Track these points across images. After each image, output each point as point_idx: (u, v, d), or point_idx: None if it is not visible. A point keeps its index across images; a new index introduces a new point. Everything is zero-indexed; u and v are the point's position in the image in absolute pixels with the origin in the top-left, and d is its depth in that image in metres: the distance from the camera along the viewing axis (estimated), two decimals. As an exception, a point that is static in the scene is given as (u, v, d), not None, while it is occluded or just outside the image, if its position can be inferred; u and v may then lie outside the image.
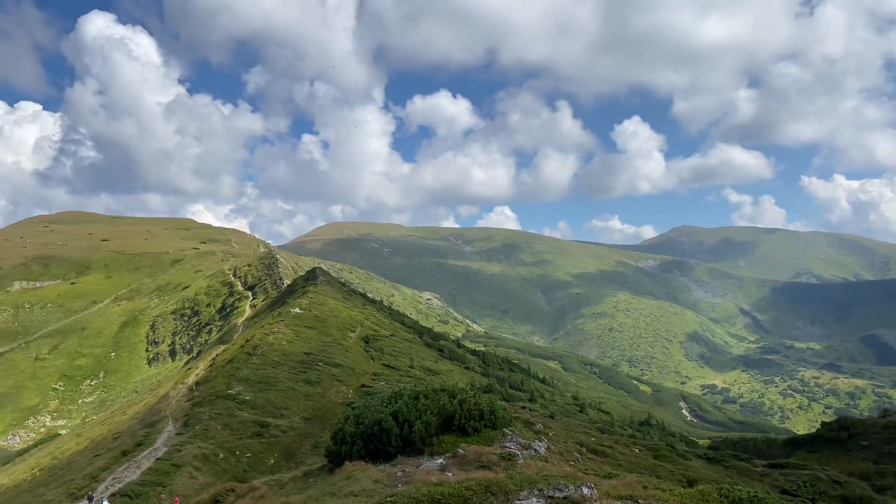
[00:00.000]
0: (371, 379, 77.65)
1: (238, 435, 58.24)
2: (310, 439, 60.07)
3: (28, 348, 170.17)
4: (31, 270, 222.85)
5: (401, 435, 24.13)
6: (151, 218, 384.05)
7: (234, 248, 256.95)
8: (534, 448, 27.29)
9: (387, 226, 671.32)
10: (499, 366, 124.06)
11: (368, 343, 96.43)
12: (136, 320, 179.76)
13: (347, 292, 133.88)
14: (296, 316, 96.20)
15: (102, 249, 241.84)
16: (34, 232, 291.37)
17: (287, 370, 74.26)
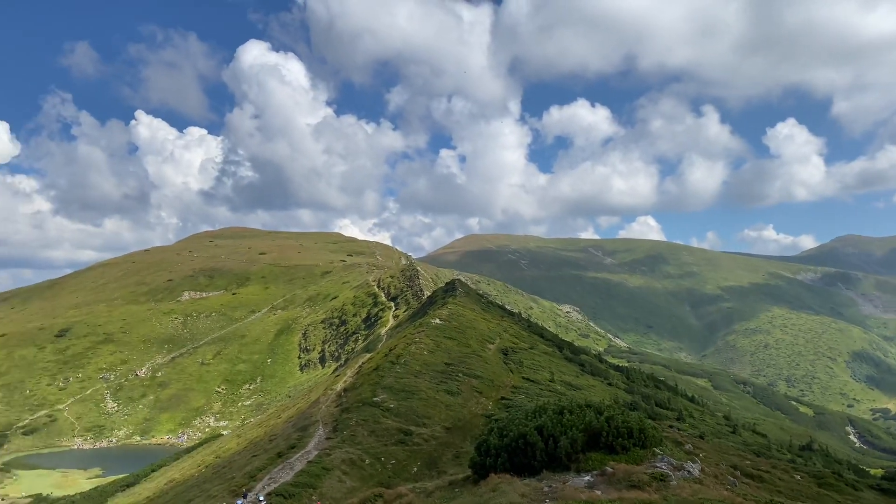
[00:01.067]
0: (511, 392, 77.26)
1: (383, 441, 59.71)
2: (451, 449, 60.54)
3: (195, 353, 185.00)
4: (198, 282, 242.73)
5: (545, 450, 23.65)
6: (303, 232, 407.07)
7: (377, 260, 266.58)
8: (686, 469, 25.85)
9: (524, 237, 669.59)
10: (643, 382, 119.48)
11: (507, 355, 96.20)
12: (290, 329, 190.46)
13: (486, 304, 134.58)
14: (436, 327, 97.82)
15: (260, 262, 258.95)
16: (201, 246, 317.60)
17: (428, 380, 75.51)
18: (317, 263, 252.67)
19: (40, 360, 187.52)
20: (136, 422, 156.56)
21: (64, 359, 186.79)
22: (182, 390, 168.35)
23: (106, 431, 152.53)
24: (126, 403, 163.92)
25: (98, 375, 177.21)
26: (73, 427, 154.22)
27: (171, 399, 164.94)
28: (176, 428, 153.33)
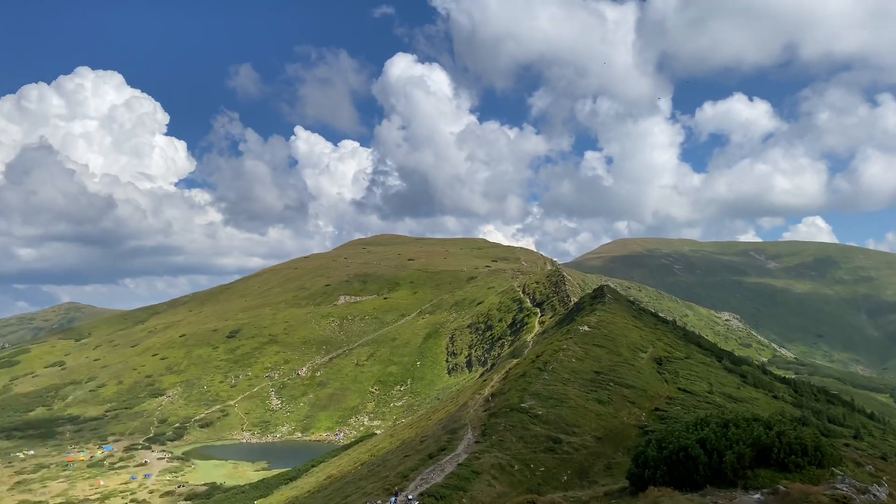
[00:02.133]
0: (665, 403, 73.93)
1: (531, 448, 59.12)
2: (602, 459, 58.85)
3: (350, 355, 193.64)
4: (352, 286, 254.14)
5: (709, 464, 22.23)
6: (448, 238, 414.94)
7: (522, 265, 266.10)
8: (872, 493, 23.33)
9: (677, 241, 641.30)
10: (814, 396, 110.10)
11: (661, 364, 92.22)
12: (438, 333, 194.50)
13: (637, 311, 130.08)
14: (584, 334, 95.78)
15: (409, 268, 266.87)
16: (354, 253, 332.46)
17: (577, 387, 73.98)
18: (462, 269, 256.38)
19: (214, 358, 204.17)
20: (297, 419, 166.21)
21: (234, 358, 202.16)
22: (339, 390, 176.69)
23: (271, 427, 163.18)
24: (288, 401, 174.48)
25: (264, 374, 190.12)
26: (243, 422, 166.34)
27: (328, 398, 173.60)
28: (333, 426, 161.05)
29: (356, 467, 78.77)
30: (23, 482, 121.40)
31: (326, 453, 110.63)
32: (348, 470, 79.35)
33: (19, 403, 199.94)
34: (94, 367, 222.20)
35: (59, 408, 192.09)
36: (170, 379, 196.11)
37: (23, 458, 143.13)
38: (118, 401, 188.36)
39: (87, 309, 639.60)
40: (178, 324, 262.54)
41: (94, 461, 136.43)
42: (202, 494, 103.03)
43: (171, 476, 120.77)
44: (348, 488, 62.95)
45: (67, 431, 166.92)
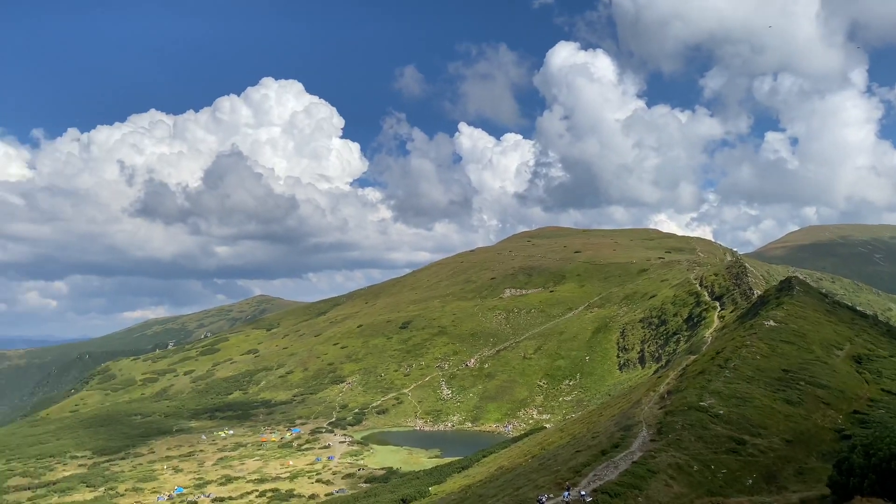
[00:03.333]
0: (867, 405, 66.96)
1: (712, 448, 55.99)
2: (792, 464, 54.43)
3: (517, 348, 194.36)
4: (517, 279, 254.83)
5: (930, 477, 19.64)
6: (617, 230, 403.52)
7: (698, 256, 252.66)
8: None
9: (877, 227, 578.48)
10: None
11: (860, 363, 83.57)
12: (607, 327, 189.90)
13: (831, 304, 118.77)
14: (770, 329, 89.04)
15: (575, 260, 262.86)
16: (519, 246, 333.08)
17: (762, 386, 68.96)
18: (632, 261, 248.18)
19: (388, 348, 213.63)
20: (467, 409, 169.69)
21: (406, 348, 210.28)
22: (507, 382, 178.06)
23: (442, 416, 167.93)
24: (458, 391, 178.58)
25: (434, 364, 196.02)
26: (416, 410, 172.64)
27: (497, 390, 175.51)
28: (502, 418, 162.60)
29: (527, 460, 78.86)
30: (224, 458, 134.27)
31: (497, 444, 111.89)
32: (519, 462, 79.64)
33: (220, 387, 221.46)
34: (282, 355, 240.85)
35: (253, 392, 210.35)
36: (349, 367, 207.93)
37: (224, 436, 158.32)
38: (304, 386, 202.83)
39: (276, 301, 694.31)
40: (356, 315, 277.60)
41: (284, 442, 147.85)
42: (380, 478, 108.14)
43: (351, 459, 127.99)
44: (519, 480, 63.12)
45: (261, 414, 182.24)
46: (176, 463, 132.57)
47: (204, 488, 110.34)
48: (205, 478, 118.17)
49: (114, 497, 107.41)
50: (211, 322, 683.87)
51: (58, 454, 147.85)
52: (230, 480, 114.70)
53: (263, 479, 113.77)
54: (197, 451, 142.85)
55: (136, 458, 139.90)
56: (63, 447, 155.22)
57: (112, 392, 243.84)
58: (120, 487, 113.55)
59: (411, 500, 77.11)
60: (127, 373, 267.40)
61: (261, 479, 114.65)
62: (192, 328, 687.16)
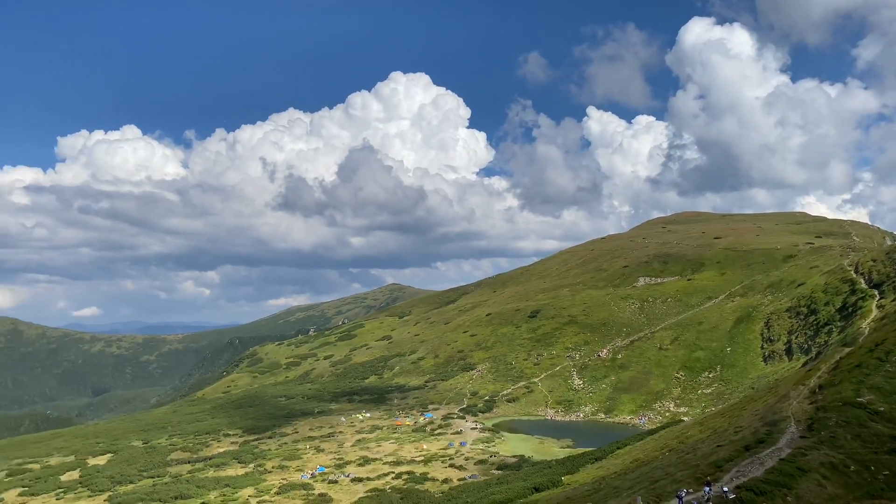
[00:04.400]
0: None
1: (871, 448, 51.58)
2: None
3: (653, 338, 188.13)
4: (652, 267, 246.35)
5: None
6: (760, 213, 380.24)
7: (853, 241, 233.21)
8: None
9: None
10: None
11: None
12: (750, 317, 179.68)
13: None
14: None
15: (714, 247, 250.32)
16: (653, 232, 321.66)
17: (933, 382, 62.53)
18: (777, 246, 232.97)
19: (517, 337, 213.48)
20: (599, 400, 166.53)
21: (536, 337, 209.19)
22: (641, 373, 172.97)
23: (574, 406, 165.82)
24: (590, 382, 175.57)
25: (565, 354, 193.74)
26: (546, 399, 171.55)
27: (630, 381, 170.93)
28: (637, 409, 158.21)
29: (663, 453, 76.22)
30: (362, 440, 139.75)
31: (631, 436, 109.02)
32: (655, 455, 77.13)
33: (357, 371, 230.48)
34: (414, 342, 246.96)
35: (387, 377, 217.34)
36: (479, 354, 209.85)
37: (361, 419, 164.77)
38: (435, 373, 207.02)
39: (407, 290, 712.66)
40: (484, 304, 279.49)
41: (418, 426, 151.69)
42: (512, 465, 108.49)
43: (483, 445, 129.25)
44: (656, 473, 61.11)
45: (395, 398, 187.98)
46: (317, 443, 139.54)
47: (344, 468, 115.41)
48: (344, 458, 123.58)
49: (262, 473, 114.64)
50: (348, 309, 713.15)
51: (213, 432, 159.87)
52: (368, 462, 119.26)
53: (399, 462, 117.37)
54: (336, 433, 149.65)
55: (282, 437, 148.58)
56: (217, 425, 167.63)
57: (259, 375, 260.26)
58: (267, 465, 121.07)
59: (544, 488, 76.71)
60: (272, 357, 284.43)
61: (396, 461, 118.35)
62: (330, 315, 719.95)
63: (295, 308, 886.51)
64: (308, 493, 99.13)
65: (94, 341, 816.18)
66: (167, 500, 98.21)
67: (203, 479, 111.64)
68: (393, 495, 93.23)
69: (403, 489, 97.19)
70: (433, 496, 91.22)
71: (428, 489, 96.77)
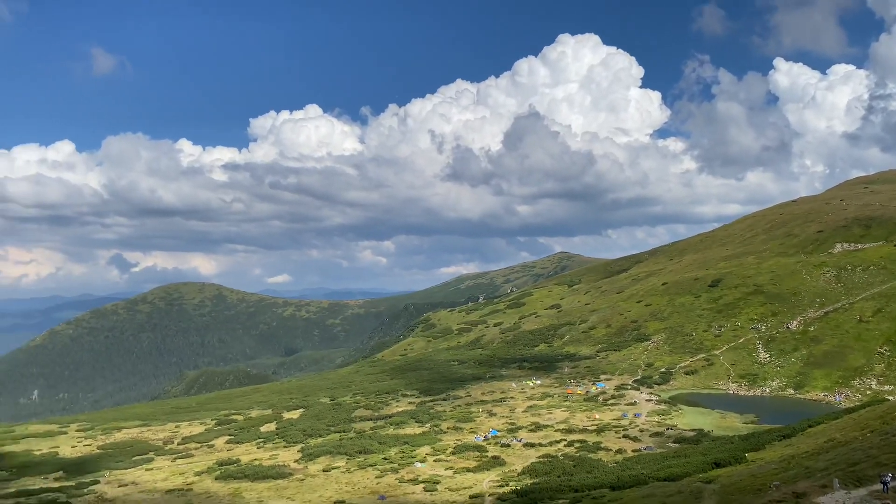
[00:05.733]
0: None
1: None
2: None
3: (851, 309, 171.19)
4: (851, 232, 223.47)
5: None
6: None
7: None
8: None
9: None
10: None
11: None
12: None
13: None
14: None
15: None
16: (852, 194, 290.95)
17: None
18: None
19: (696, 307, 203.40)
20: (788, 374, 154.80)
21: (717, 308, 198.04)
22: (837, 347, 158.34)
23: (759, 381, 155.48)
24: (777, 355, 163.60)
25: (749, 325, 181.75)
26: (728, 372, 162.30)
27: (824, 356, 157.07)
28: (831, 386, 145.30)
29: (864, 434, 69.35)
30: (533, 407, 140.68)
31: (824, 415, 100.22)
32: (854, 436, 70.39)
33: (527, 339, 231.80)
34: (584, 311, 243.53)
35: (557, 345, 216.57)
36: (653, 325, 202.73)
37: (532, 386, 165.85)
38: (607, 342, 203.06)
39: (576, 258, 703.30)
40: (659, 272, 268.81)
41: (589, 396, 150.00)
42: (690, 439, 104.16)
43: (658, 418, 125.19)
44: (856, 455, 55.74)
45: (565, 367, 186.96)
46: (490, 407, 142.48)
47: (516, 433, 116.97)
48: (516, 423, 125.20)
49: (438, 433, 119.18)
50: (516, 277, 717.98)
51: (391, 392, 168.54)
52: (539, 428, 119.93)
53: (570, 430, 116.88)
54: (508, 398, 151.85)
55: (455, 400, 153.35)
56: (395, 386, 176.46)
57: (433, 339, 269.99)
58: (443, 425, 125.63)
59: (725, 464, 72.82)
60: (444, 323, 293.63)
61: (568, 429, 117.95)
62: (499, 283, 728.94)
63: (465, 276, 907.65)
64: (482, 454, 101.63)
65: (286, 306, 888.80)
66: (352, 454, 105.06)
67: (384, 435, 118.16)
68: (565, 462, 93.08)
69: (576, 457, 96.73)
70: (606, 465, 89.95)
71: (601, 458, 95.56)
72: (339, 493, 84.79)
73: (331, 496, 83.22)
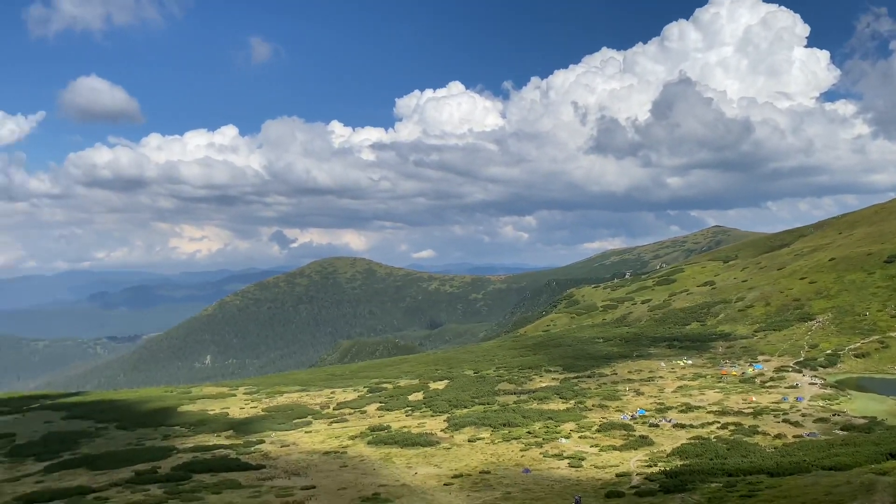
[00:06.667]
0: None
1: None
2: None
3: None
4: None
5: None
6: None
7: None
8: None
9: None
10: None
11: None
12: None
13: None
14: None
15: None
16: None
17: None
18: None
19: (869, 285, 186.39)
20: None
21: (894, 285, 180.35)
22: None
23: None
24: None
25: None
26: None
27: None
28: None
29: None
30: (683, 387, 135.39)
31: None
32: None
33: (677, 317, 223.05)
34: (741, 288, 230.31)
35: (710, 324, 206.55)
36: (819, 304, 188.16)
37: (682, 365, 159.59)
38: (765, 322, 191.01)
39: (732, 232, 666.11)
40: (826, 247, 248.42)
41: (745, 378, 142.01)
42: (860, 427, 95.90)
43: (823, 402, 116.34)
44: None
45: (719, 347, 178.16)
46: (637, 386, 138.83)
47: (665, 413, 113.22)
48: (665, 403, 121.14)
49: (582, 410, 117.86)
50: (665, 253, 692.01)
51: (534, 367, 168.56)
52: (690, 409, 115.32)
53: (724, 412, 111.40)
54: (656, 377, 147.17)
55: (600, 377, 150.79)
56: (538, 361, 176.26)
57: (577, 316, 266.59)
58: (587, 402, 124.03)
59: (903, 457, 66.42)
60: (588, 299, 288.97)
61: (721, 411, 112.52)
62: (647, 259, 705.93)
63: (610, 251, 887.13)
64: (629, 433, 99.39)
65: (431, 280, 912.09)
66: (497, 426, 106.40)
67: (527, 409, 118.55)
68: (718, 445, 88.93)
69: (730, 440, 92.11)
70: (764, 450, 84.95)
71: (758, 442, 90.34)
72: (484, 463, 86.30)
73: (476, 466, 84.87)
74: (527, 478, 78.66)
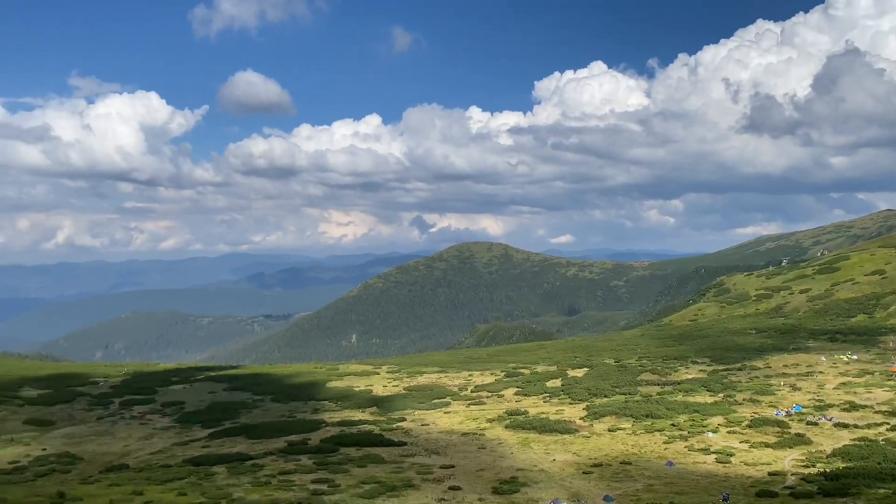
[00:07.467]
0: None
1: None
2: None
3: None
4: None
5: None
6: None
7: None
8: None
9: None
10: None
11: None
12: None
13: None
14: None
15: None
16: None
17: None
18: None
19: None
20: None
21: None
22: None
23: None
24: None
25: None
26: None
27: None
28: None
29: None
30: (847, 384, 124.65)
31: None
32: None
33: (840, 308, 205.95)
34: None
35: (880, 317, 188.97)
36: None
37: (847, 360, 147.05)
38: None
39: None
40: None
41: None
42: None
43: None
44: None
45: (890, 341, 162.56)
46: (793, 381, 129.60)
47: (824, 411, 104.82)
48: (824, 400, 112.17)
49: (732, 405, 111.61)
50: (827, 239, 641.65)
51: (680, 358, 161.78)
52: (854, 408, 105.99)
53: (894, 413, 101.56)
54: (815, 372, 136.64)
55: (752, 371, 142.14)
56: (684, 352, 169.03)
57: (727, 305, 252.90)
58: (737, 397, 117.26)
59: None
60: (740, 288, 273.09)
61: (891, 411, 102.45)
62: (806, 245, 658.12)
63: (765, 237, 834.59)
64: (783, 430, 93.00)
65: (569, 266, 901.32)
66: (638, 417, 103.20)
67: (672, 401, 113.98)
68: (888, 448, 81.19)
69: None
70: (945, 459, 76.50)
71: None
72: (624, 453, 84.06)
73: (616, 456, 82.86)
74: (670, 471, 75.80)
